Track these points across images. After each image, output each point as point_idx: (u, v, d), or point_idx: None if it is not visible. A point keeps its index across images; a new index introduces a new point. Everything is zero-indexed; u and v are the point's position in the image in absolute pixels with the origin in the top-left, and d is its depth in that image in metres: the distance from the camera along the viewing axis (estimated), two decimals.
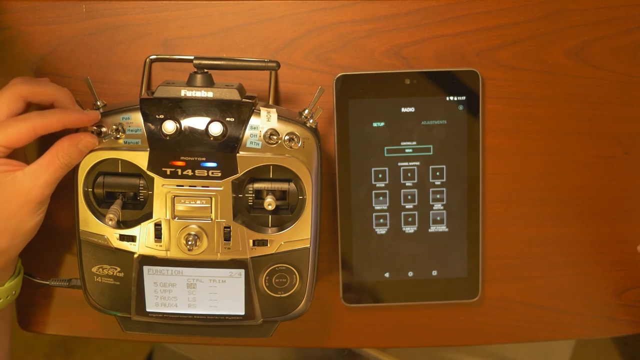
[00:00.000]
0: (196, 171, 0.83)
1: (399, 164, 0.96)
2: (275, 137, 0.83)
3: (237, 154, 0.83)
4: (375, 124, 0.96)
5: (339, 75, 0.95)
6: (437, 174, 0.97)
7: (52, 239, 0.98)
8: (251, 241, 0.85)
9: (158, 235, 0.85)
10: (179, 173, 0.83)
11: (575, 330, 1.02)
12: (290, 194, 0.86)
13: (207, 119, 0.82)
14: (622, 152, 0.98)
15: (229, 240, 0.85)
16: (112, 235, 0.85)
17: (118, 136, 0.83)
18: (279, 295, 0.88)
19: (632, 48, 0.96)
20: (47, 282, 0.95)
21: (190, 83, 0.84)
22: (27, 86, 0.84)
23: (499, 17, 0.95)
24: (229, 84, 0.85)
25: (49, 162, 0.81)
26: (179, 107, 0.82)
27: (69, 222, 0.89)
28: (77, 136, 0.82)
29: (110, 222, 0.83)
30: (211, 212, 0.84)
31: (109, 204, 0.85)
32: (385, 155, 0.96)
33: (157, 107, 0.82)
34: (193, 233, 0.84)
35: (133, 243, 0.85)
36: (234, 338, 0.93)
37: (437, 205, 0.97)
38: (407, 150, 0.96)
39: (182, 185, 0.83)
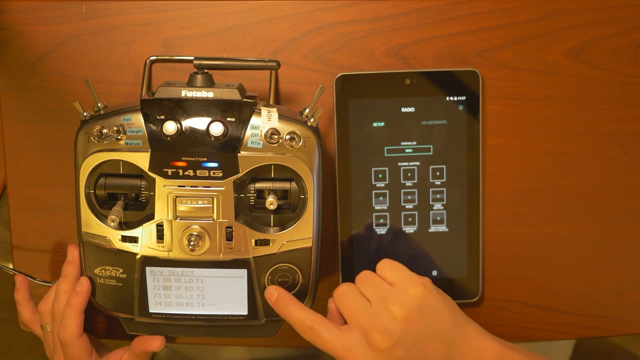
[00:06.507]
0: (197, 171, 0.83)
1: (399, 164, 0.96)
2: (276, 137, 0.83)
3: (238, 154, 0.83)
4: (375, 124, 0.96)
5: (339, 75, 0.95)
6: (437, 174, 0.97)
7: (55, 240, 0.98)
8: (253, 241, 0.85)
9: (160, 236, 0.84)
10: (181, 173, 0.83)
11: (575, 330, 1.03)
12: (291, 193, 0.86)
13: (208, 119, 0.82)
14: (622, 152, 0.99)
15: (231, 240, 0.85)
16: (114, 237, 0.85)
17: (119, 137, 0.82)
18: None
19: (632, 48, 0.96)
20: (50, 284, 0.95)
21: (190, 83, 0.84)
22: None
23: (499, 17, 0.95)
24: (230, 84, 0.85)
25: None
26: (179, 108, 0.82)
27: (71, 223, 0.89)
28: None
29: (112, 224, 0.83)
30: (213, 212, 0.84)
31: (111, 205, 0.85)
32: (385, 155, 0.96)
33: (157, 108, 0.82)
34: (195, 233, 0.84)
35: (135, 244, 0.85)
36: (237, 338, 0.93)
37: (437, 205, 0.98)
38: (407, 150, 0.96)
39: (184, 186, 0.83)
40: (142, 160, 0.83)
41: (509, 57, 0.96)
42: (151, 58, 0.95)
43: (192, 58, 0.85)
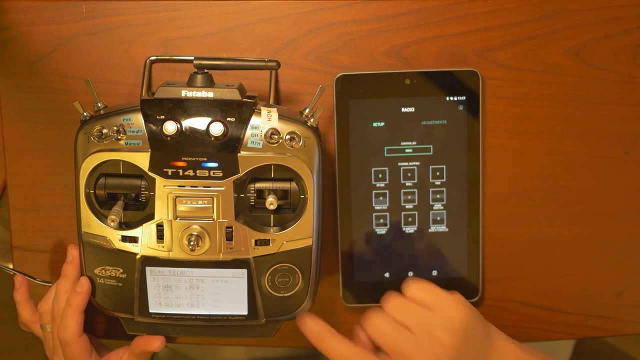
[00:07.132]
0: (197, 171, 0.83)
1: (399, 164, 0.96)
2: (276, 137, 0.83)
3: (238, 154, 0.83)
4: (375, 124, 0.96)
5: (339, 75, 0.95)
6: (437, 174, 0.97)
7: (55, 240, 0.98)
8: (253, 241, 0.85)
9: (160, 236, 0.84)
10: (181, 173, 0.83)
11: (575, 330, 1.03)
12: (291, 193, 0.86)
13: (208, 119, 0.82)
14: (623, 152, 0.99)
15: (231, 240, 0.85)
16: (114, 237, 0.85)
17: (119, 137, 0.82)
18: (281, 295, 0.88)
19: (632, 48, 0.96)
20: (50, 284, 0.95)
21: (190, 83, 0.84)
22: None
23: (499, 17, 0.95)
24: (230, 84, 0.85)
25: None
26: (179, 108, 0.82)
27: (71, 223, 0.89)
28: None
29: (112, 224, 0.83)
30: (213, 212, 0.84)
31: (111, 205, 0.85)
32: (385, 155, 0.96)
33: (157, 108, 0.82)
34: (195, 233, 0.84)
35: (135, 244, 0.85)
36: (237, 338, 0.93)
37: (437, 205, 0.98)
38: (407, 150, 0.96)
39: (184, 186, 0.83)
40: (142, 160, 0.83)
41: (509, 57, 0.96)
42: (151, 58, 0.95)
43: (192, 58, 0.85)
